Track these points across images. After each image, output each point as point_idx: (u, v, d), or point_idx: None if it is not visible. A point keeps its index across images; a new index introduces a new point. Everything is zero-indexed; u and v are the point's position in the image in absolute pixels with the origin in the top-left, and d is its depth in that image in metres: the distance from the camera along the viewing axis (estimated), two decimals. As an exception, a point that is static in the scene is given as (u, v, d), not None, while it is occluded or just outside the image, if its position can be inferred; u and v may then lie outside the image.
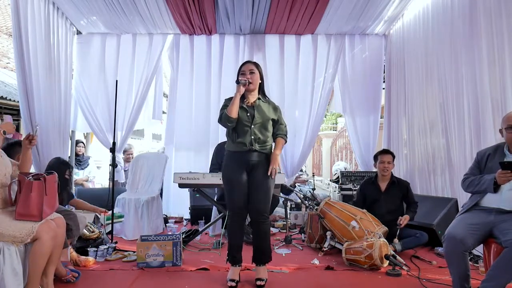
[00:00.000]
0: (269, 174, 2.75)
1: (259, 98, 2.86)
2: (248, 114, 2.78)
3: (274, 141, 2.91)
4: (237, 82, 2.76)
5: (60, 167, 3.38)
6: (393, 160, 3.90)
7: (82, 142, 5.91)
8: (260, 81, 2.88)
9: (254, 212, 2.78)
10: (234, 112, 2.71)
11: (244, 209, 2.80)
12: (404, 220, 3.50)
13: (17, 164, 2.56)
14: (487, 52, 3.26)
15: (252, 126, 2.77)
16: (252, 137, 2.77)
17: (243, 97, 2.82)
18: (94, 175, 5.86)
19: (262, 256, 2.82)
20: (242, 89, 2.74)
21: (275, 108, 2.92)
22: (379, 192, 3.83)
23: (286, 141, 2.94)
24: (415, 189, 4.63)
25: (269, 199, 2.80)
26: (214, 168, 4.41)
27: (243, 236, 2.91)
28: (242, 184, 2.77)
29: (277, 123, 2.91)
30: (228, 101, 2.80)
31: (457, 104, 3.73)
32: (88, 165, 5.81)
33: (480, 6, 3.33)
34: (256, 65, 2.89)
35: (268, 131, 2.84)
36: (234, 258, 2.82)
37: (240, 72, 2.84)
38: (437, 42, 4.14)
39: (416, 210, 3.71)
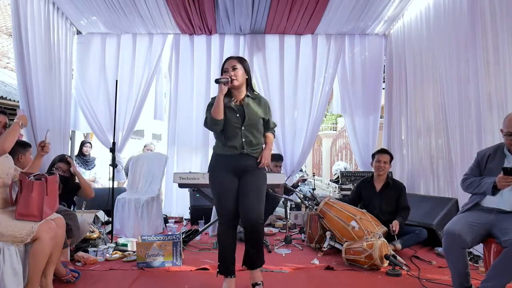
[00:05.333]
0: (260, 166, 2.58)
1: (247, 95, 2.61)
2: (238, 114, 2.54)
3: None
4: (217, 81, 2.48)
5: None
6: (391, 161, 3.84)
7: (89, 143, 5.82)
8: (247, 77, 2.60)
9: (247, 222, 2.50)
10: (219, 113, 2.47)
11: (235, 216, 2.56)
12: (395, 226, 3.44)
13: (19, 170, 2.56)
14: (488, 52, 3.25)
15: (243, 128, 2.54)
16: (243, 139, 2.53)
17: (230, 95, 2.58)
18: (100, 176, 5.82)
19: (255, 261, 2.59)
20: (225, 88, 2.48)
21: (265, 105, 2.67)
22: (374, 192, 3.82)
23: (274, 136, 2.80)
24: (415, 189, 4.64)
25: (262, 205, 2.56)
26: None
27: (235, 245, 2.64)
28: (232, 190, 2.54)
29: (267, 122, 2.70)
30: (214, 101, 2.55)
31: (458, 104, 3.73)
32: (94, 165, 5.75)
33: (482, 6, 3.32)
34: (240, 59, 2.61)
35: (260, 132, 2.62)
36: (228, 269, 2.59)
37: (223, 70, 2.58)
38: (438, 42, 4.14)
39: (407, 216, 3.62)
